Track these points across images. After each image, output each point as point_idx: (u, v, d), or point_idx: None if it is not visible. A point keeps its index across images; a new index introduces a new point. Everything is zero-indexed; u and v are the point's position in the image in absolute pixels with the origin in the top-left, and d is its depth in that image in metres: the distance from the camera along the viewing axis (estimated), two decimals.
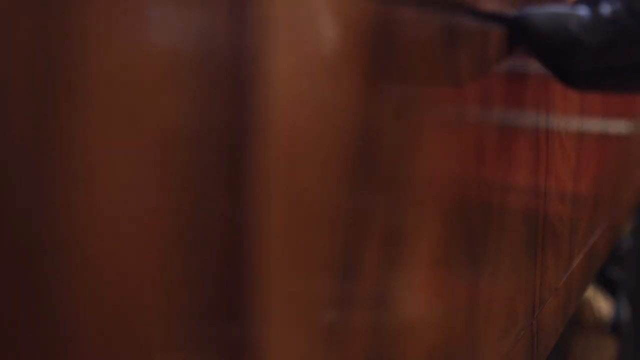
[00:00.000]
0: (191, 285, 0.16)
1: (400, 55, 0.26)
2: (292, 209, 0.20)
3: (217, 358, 0.17)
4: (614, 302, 1.16)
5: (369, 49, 0.24)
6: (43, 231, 0.13)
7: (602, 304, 1.14)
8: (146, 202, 0.15)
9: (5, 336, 0.12)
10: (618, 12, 0.35)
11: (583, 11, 0.35)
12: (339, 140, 0.22)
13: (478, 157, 0.34)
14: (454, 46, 0.31)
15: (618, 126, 0.80)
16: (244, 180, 0.18)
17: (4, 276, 0.12)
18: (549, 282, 0.51)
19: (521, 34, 0.36)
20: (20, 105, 0.12)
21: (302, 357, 0.21)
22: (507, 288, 0.40)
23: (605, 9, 0.35)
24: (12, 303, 0.12)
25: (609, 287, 1.18)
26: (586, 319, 1.13)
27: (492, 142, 0.36)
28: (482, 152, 0.35)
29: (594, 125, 0.64)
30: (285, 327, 0.20)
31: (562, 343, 1.14)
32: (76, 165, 0.13)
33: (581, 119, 0.58)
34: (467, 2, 0.32)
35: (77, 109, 0.13)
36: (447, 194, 0.31)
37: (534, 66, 0.43)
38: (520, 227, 0.42)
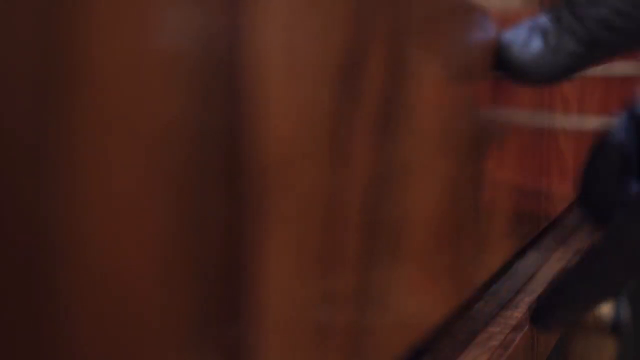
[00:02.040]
0: (190, 285, 0.16)
1: (401, 62, 0.26)
2: (291, 209, 0.20)
3: (216, 358, 0.17)
4: (614, 302, 1.16)
5: (366, 50, 0.24)
6: (43, 231, 0.13)
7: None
8: (145, 202, 0.15)
9: (5, 336, 0.12)
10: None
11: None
12: (336, 140, 0.22)
13: (477, 154, 0.34)
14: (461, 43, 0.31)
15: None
16: (243, 180, 0.18)
17: (3, 276, 0.12)
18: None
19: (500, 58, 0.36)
20: (20, 105, 0.12)
21: (301, 357, 0.21)
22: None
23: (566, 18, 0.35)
24: (12, 303, 0.12)
25: None
26: (586, 319, 1.13)
27: (493, 140, 0.36)
28: (482, 150, 0.35)
29: (594, 124, 0.64)
30: (285, 327, 0.20)
31: (562, 343, 1.14)
32: (76, 165, 0.13)
33: (581, 118, 0.58)
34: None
35: (77, 108, 0.13)
36: (442, 190, 0.31)
37: None
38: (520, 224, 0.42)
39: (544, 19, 0.36)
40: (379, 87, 0.25)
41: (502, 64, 0.36)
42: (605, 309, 1.14)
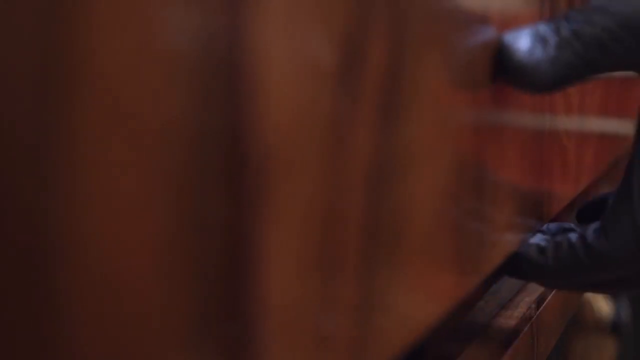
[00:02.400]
0: (190, 285, 0.16)
1: (400, 57, 0.26)
2: (291, 208, 0.20)
3: (216, 358, 0.17)
4: (614, 302, 1.16)
5: (366, 48, 0.24)
6: (43, 231, 0.13)
7: (602, 304, 1.14)
8: (146, 203, 0.15)
9: (6, 336, 0.12)
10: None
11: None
12: (336, 139, 0.22)
13: (478, 151, 0.34)
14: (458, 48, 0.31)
15: (618, 125, 0.80)
16: (244, 180, 0.18)
17: (3, 276, 0.12)
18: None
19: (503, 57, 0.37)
20: (20, 105, 0.12)
21: (301, 357, 0.21)
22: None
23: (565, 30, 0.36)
24: (12, 303, 0.12)
25: None
26: (586, 319, 1.13)
27: (492, 142, 0.36)
28: (483, 147, 0.35)
29: (595, 124, 0.64)
30: (285, 327, 0.20)
31: (562, 343, 1.14)
32: (76, 165, 0.13)
33: (582, 119, 0.58)
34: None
35: (78, 108, 0.13)
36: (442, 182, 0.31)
37: None
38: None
39: (544, 28, 0.36)
40: (379, 85, 0.25)
41: (503, 67, 0.36)
42: (605, 309, 1.14)
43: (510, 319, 0.44)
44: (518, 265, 0.40)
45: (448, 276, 0.31)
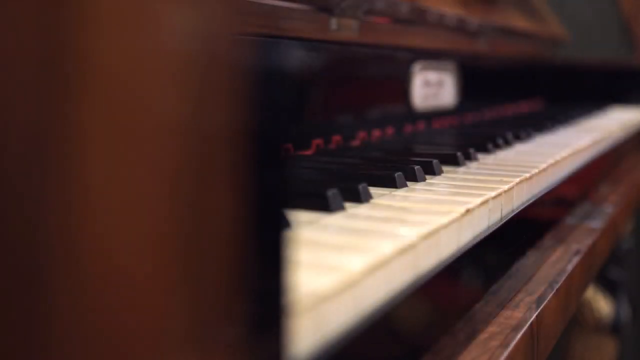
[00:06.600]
0: (188, 285, 0.16)
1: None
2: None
3: (217, 358, 0.17)
4: (614, 302, 1.16)
5: None
6: (43, 230, 0.13)
7: (602, 304, 1.14)
8: (147, 201, 0.15)
9: (5, 335, 0.12)
10: None
11: None
12: None
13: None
14: None
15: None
16: (245, 180, 0.18)
17: (4, 275, 0.12)
18: None
19: None
20: (23, 100, 0.12)
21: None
22: None
23: None
24: (12, 302, 0.12)
25: (609, 287, 1.18)
26: (586, 319, 1.13)
27: None
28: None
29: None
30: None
31: (562, 343, 1.14)
32: (77, 162, 0.13)
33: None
34: None
35: (78, 109, 0.13)
36: None
37: None
38: None
39: None
40: None
41: None
42: (605, 309, 1.15)
43: (510, 319, 0.44)
44: None
45: None
